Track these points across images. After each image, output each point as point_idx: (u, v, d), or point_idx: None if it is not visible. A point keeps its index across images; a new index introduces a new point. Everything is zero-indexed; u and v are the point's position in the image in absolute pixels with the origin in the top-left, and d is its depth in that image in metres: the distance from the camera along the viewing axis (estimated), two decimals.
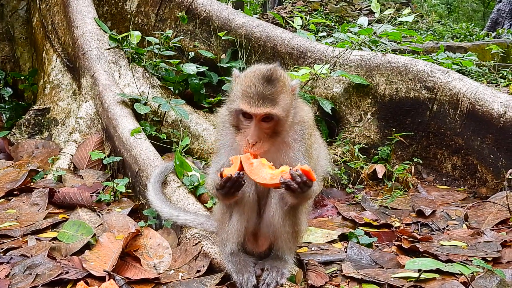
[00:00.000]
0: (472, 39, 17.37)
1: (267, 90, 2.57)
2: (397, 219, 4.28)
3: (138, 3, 6.75)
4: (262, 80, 2.58)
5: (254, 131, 2.59)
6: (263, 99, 2.55)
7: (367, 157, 5.39)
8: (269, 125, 2.61)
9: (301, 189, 2.46)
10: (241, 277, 2.81)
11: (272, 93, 2.57)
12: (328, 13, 19.82)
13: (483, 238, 3.69)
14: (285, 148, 2.78)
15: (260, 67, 2.70)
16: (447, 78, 5.23)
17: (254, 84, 2.58)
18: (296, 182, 2.43)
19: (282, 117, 2.60)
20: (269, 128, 2.61)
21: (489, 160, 4.88)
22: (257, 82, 2.58)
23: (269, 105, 2.55)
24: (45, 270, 3.03)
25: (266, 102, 2.55)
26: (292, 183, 2.43)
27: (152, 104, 5.31)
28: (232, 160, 2.59)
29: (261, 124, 2.60)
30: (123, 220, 3.82)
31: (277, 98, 2.58)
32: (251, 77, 2.62)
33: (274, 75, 2.61)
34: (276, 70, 2.65)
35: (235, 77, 2.79)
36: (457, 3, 39.61)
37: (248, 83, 2.60)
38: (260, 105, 2.55)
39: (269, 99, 2.56)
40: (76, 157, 5.02)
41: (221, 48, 6.42)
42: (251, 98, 2.56)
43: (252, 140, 2.58)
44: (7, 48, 7.04)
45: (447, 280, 2.90)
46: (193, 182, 4.01)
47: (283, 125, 2.66)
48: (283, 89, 2.62)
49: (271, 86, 2.58)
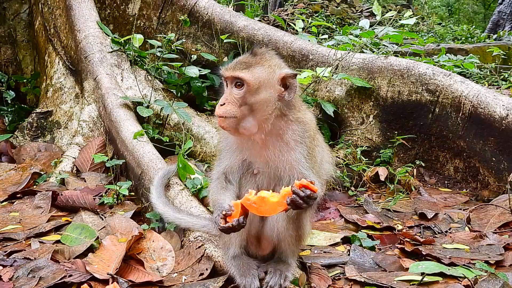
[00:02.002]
0: (473, 41, 17.40)
1: (245, 59, 2.73)
2: (400, 222, 4.28)
3: (140, 6, 6.76)
4: (247, 52, 2.79)
5: (225, 94, 2.70)
6: (238, 64, 2.70)
7: (369, 159, 5.39)
8: (239, 90, 2.67)
9: (307, 203, 2.45)
10: (245, 280, 2.81)
11: (248, 61, 2.71)
12: (329, 15, 19.86)
13: (485, 241, 3.68)
14: (287, 149, 2.77)
15: None
16: (449, 81, 5.23)
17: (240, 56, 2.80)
18: (300, 197, 2.42)
19: (251, 84, 2.65)
20: (239, 94, 2.67)
21: (491, 163, 4.88)
22: (244, 55, 2.80)
23: (239, 69, 2.67)
24: (49, 273, 3.03)
25: (238, 66, 2.69)
26: (298, 200, 2.42)
27: (155, 107, 5.32)
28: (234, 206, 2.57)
29: (233, 89, 2.68)
30: (126, 223, 3.83)
31: (252, 66, 2.68)
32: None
33: (261, 51, 2.77)
34: (266, 49, 2.81)
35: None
36: (458, 5, 39.65)
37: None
38: (232, 68, 2.69)
39: (243, 64, 2.69)
40: (79, 160, 5.03)
41: (223, 51, 6.43)
42: (230, 64, 2.72)
43: (221, 100, 2.68)
44: (10, 51, 7.05)
45: (450, 283, 2.90)
46: (196, 185, 4.01)
47: (254, 98, 2.67)
48: (263, 62, 2.72)
49: (250, 56, 2.74)
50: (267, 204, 2.48)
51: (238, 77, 2.65)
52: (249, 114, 2.67)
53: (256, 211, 2.51)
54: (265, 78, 2.68)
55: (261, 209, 2.49)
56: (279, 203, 2.47)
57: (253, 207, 2.50)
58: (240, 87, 2.66)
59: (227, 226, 2.54)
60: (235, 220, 2.53)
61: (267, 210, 2.49)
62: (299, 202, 2.42)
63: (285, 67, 2.83)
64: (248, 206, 2.51)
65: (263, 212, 2.51)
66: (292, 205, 2.44)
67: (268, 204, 2.48)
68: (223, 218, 2.57)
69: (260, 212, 2.51)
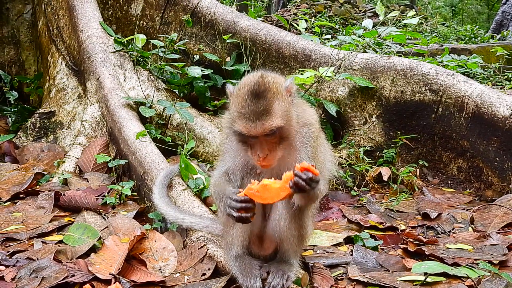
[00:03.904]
0: (476, 41, 17.36)
1: (259, 106, 2.53)
2: (403, 222, 4.26)
3: (143, 6, 6.77)
4: (251, 96, 2.55)
5: (261, 146, 2.59)
6: (258, 117, 2.52)
7: (372, 159, 5.38)
8: (274, 137, 2.58)
9: (310, 186, 2.43)
10: (247, 280, 2.80)
11: (265, 107, 2.53)
12: (332, 16, 19.85)
13: (489, 241, 3.67)
14: (292, 151, 2.77)
15: (248, 79, 2.66)
16: (452, 80, 5.22)
17: (246, 103, 2.55)
18: (303, 179, 2.41)
19: (283, 124, 2.58)
20: (275, 138, 2.59)
21: (495, 163, 4.86)
22: (248, 100, 2.55)
23: (266, 120, 2.52)
24: (51, 273, 3.03)
25: (261, 118, 2.52)
26: (300, 182, 2.40)
27: (157, 107, 5.32)
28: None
29: (266, 138, 2.58)
30: (128, 223, 3.82)
31: (272, 109, 2.54)
32: (242, 95, 2.60)
33: (262, 86, 2.58)
34: (262, 79, 2.61)
35: (230, 95, 2.76)
36: (461, 5, 39.59)
37: (240, 103, 2.58)
38: (257, 124, 2.52)
39: (264, 114, 2.53)
40: (82, 160, 5.03)
41: (225, 51, 6.43)
42: (247, 118, 2.54)
43: (262, 154, 2.58)
44: (13, 52, 7.07)
45: (454, 283, 2.89)
46: (198, 185, 4.01)
47: (288, 129, 2.64)
48: (275, 96, 2.58)
49: (262, 100, 2.54)
50: (270, 190, 2.47)
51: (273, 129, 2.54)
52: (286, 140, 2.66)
53: (260, 199, 2.50)
54: (285, 106, 2.62)
55: (265, 196, 2.48)
56: (281, 188, 2.46)
57: (256, 195, 2.49)
58: (272, 134, 2.57)
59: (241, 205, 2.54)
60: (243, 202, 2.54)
61: (271, 197, 2.48)
62: (301, 184, 2.41)
63: (282, 80, 2.76)
64: (252, 195, 2.51)
65: (267, 199, 2.49)
66: (294, 188, 2.42)
67: (271, 190, 2.47)
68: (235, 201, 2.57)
69: (264, 199, 2.49)
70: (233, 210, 2.58)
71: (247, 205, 2.55)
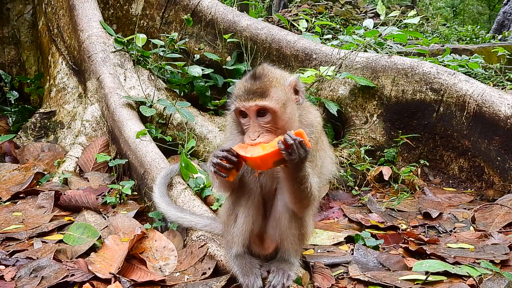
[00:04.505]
0: (478, 42, 17.35)
1: (255, 86, 2.60)
2: (404, 222, 4.25)
3: (144, 6, 6.76)
4: (249, 78, 2.64)
5: (253, 127, 2.60)
6: (251, 93, 2.58)
7: (373, 159, 5.37)
8: (266, 119, 2.59)
9: (298, 150, 2.39)
10: (247, 279, 2.79)
11: (260, 87, 2.59)
12: (333, 16, 19.85)
13: (490, 240, 3.65)
14: None
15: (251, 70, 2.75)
16: (453, 79, 5.20)
17: (243, 84, 2.64)
18: (293, 139, 2.38)
19: (276, 109, 2.58)
20: (268, 123, 2.59)
21: (496, 162, 4.84)
22: (246, 82, 2.64)
23: (258, 98, 2.57)
24: (51, 273, 3.02)
25: (255, 95, 2.58)
26: (290, 140, 2.38)
27: (158, 106, 5.31)
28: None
29: (258, 120, 2.60)
30: (128, 222, 3.81)
31: (267, 91, 2.59)
32: (243, 80, 2.69)
33: (260, 72, 2.66)
34: (263, 67, 2.70)
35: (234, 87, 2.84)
36: (462, 6, 39.58)
37: (239, 85, 2.67)
38: (249, 99, 2.57)
39: (258, 92, 2.58)
40: (82, 159, 5.03)
41: (226, 51, 6.43)
42: (241, 95, 2.60)
43: (253, 135, 2.58)
44: (13, 52, 7.07)
45: (455, 282, 2.87)
46: (198, 184, 4.00)
47: (283, 119, 2.62)
48: (273, 82, 2.63)
49: (258, 82, 2.61)
50: (258, 146, 2.48)
51: (263, 107, 2.57)
52: (282, 132, 2.60)
53: (244, 151, 2.50)
54: (284, 95, 2.63)
55: (250, 149, 2.49)
56: (269, 144, 2.46)
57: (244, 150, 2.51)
58: (264, 115, 2.59)
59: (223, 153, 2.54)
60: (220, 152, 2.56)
61: (255, 151, 2.47)
62: (290, 143, 2.38)
63: (288, 75, 2.78)
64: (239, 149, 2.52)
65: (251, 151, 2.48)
66: (282, 145, 2.39)
67: (259, 146, 2.48)
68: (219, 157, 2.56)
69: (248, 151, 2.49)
70: (215, 157, 2.58)
71: (228, 155, 2.54)
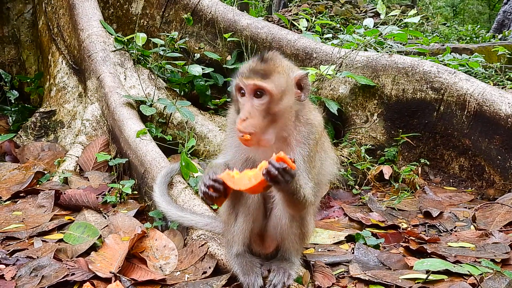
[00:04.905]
0: (478, 41, 17.34)
1: (259, 66, 2.58)
2: (404, 221, 4.25)
3: (144, 5, 6.76)
4: (257, 60, 2.63)
5: (246, 106, 2.55)
6: (254, 73, 2.56)
7: (373, 158, 5.37)
8: (261, 101, 2.53)
9: (283, 177, 2.35)
10: (248, 278, 2.79)
11: (264, 68, 2.57)
12: (333, 16, 19.84)
13: (491, 239, 3.65)
14: (288, 148, 2.71)
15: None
16: (454, 78, 5.20)
17: (249, 63, 2.65)
18: (276, 168, 2.33)
19: (274, 93, 2.52)
20: (262, 105, 2.53)
21: (497, 161, 4.84)
22: (252, 62, 2.64)
23: (259, 78, 2.53)
24: (51, 272, 3.02)
25: (256, 75, 2.55)
26: (273, 170, 2.33)
27: (158, 105, 5.31)
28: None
29: (254, 100, 2.54)
30: (129, 221, 3.81)
31: (270, 74, 2.56)
32: (250, 59, 2.71)
33: (269, 56, 2.64)
34: (273, 53, 2.68)
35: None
36: (462, 5, 39.56)
37: (245, 64, 2.69)
38: (250, 77, 2.54)
39: (260, 73, 2.55)
40: (82, 159, 5.02)
41: (226, 50, 6.42)
42: (244, 72, 2.59)
43: (243, 115, 2.52)
44: (13, 51, 7.07)
45: (456, 281, 2.87)
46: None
47: (277, 107, 2.56)
48: (278, 69, 2.60)
49: (263, 63, 2.60)
50: (244, 176, 2.46)
51: (261, 87, 2.52)
52: (272, 124, 2.57)
53: (232, 183, 2.48)
54: (285, 84, 2.59)
55: (237, 181, 2.47)
56: (254, 175, 2.42)
57: (230, 179, 2.49)
58: (260, 97, 2.53)
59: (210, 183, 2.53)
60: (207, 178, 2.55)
61: (242, 183, 2.45)
62: (273, 173, 2.32)
63: (296, 69, 2.75)
64: (226, 179, 2.51)
65: (238, 184, 2.46)
66: (267, 176, 2.34)
67: (244, 176, 2.46)
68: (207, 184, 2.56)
69: (236, 184, 2.47)
70: (203, 185, 2.56)
71: (216, 185, 2.52)
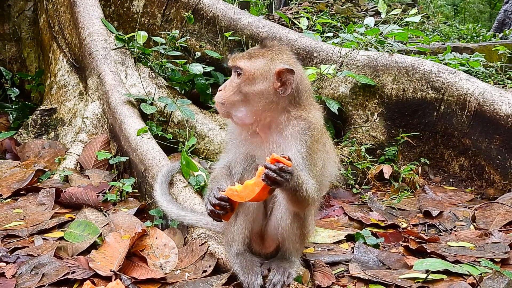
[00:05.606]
0: (478, 40, 17.29)
1: (252, 50, 2.79)
2: (404, 220, 4.26)
3: (145, 3, 6.75)
4: (258, 44, 2.85)
5: (227, 81, 2.79)
6: (244, 55, 2.76)
7: (373, 157, 5.37)
8: (237, 79, 2.72)
9: (282, 177, 2.40)
10: (248, 277, 2.80)
11: (254, 52, 2.75)
12: (334, 14, 19.78)
13: (491, 239, 3.66)
14: (286, 145, 2.72)
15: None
16: (454, 78, 5.20)
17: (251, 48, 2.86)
18: (273, 170, 2.38)
19: (246, 73, 2.69)
20: (237, 83, 2.72)
21: (497, 161, 4.85)
22: (255, 46, 2.86)
23: (240, 59, 2.74)
24: (52, 270, 3.03)
25: (242, 56, 2.75)
26: (270, 173, 2.38)
27: (159, 104, 5.31)
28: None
29: (233, 77, 2.75)
30: (129, 220, 3.82)
31: (254, 58, 2.72)
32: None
33: (268, 42, 2.80)
34: (275, 41, 2.85)
35: None
36: (463, 4, 39.47)
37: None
38: (235, 57, 2.77)
39: (247, 55, 2.75)
40: (83, 157, 5.03)
41: (227, 48, 6.42)
42: (237, 53, 2.80)
43: (221, 87, 2.77)
44: (14, 49, 7.06)
45: (455, 281, 2.88)
46: (199, 182, 4.00)
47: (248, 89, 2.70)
48: (266, 55, 2.73)
49: (258, 48, 2.79)
50: (246, 188, 2.51)
51: (237, 66, 2.72)
52: (242, 103, 2.72)
53: (238, 198, 2.55)
54: (262, 70, 2.70)
55: (242, 194, 2.52)
56: (256, 184, 2.47)
57: (235, 195, 2.55)
58: (239, 76, 2.71)
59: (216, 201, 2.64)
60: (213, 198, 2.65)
61: (247, 194, 2.50)
62: (272, 176, 2.38)
63: (286, 62, 2.73)
64: (231, 195, 2.57)
65: (244, 196, 2.52)
66: (266, 180, 2.40)
67: (247, 187, 2.50)
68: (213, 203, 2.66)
69: (241, 197, 2.53)
70: (209, 203, 2.67)
71: (222, 203, 2.63)
